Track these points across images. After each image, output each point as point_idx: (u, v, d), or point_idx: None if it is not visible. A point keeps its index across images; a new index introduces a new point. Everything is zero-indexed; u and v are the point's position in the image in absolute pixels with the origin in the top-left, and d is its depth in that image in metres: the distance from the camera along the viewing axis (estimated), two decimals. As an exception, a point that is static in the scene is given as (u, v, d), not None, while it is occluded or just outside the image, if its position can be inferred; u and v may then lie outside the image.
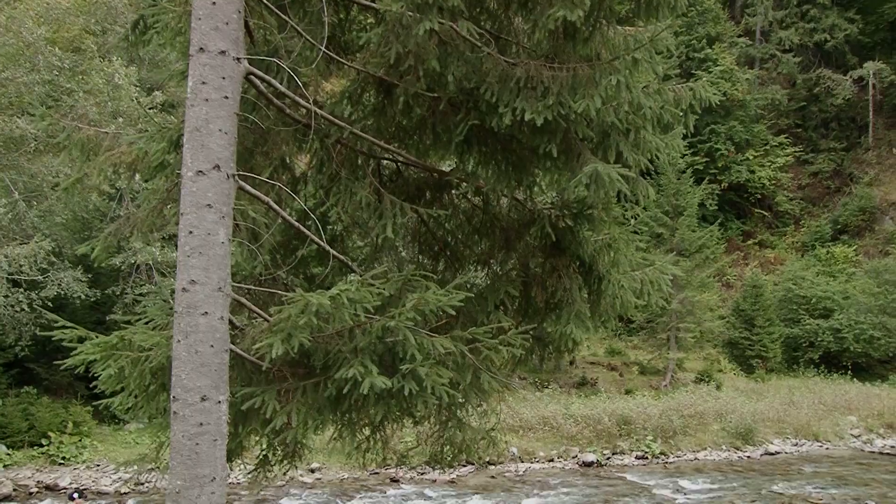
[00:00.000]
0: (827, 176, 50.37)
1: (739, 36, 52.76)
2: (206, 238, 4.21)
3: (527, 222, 5.69)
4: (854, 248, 45.31)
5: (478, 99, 4.93)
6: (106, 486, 19.81)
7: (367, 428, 5.21)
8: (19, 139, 21.89)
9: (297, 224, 4.85)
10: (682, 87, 5.75)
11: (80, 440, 21.74)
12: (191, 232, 4.21)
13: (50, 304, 20.73)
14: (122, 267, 23.50)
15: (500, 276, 5.68)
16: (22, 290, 21.33)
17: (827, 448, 26.65)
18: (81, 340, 4.93)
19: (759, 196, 48.78)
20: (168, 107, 26.37)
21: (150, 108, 23.60)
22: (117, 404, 5.75)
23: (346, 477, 21.59)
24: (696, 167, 42.01)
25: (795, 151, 49.93)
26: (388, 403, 4.62)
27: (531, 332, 5.94)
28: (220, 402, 4.23)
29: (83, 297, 22.61)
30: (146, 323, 5.05)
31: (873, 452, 26.13)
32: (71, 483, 19.89)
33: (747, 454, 25.53)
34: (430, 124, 5.21)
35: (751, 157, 48.20)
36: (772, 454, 25.72)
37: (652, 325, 35.76)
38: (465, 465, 22.86)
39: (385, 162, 5.96)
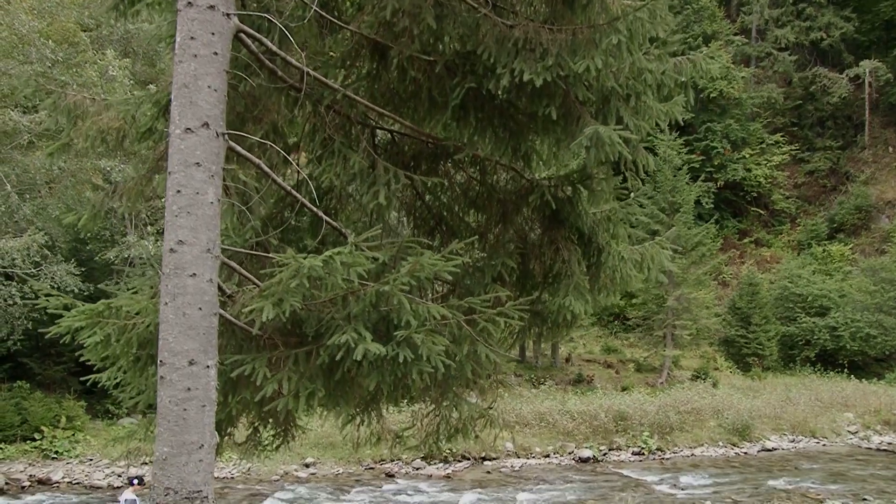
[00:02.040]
0: (823, 174, 50.38)
1: (735, 34, 52.75)
2: (194, 197, 4.08)
3: (524, 193, 5.56)
4: (850, 246, 45.31)
5: (474, 62, 4.81)
6: (99, 480, 19.63)
7: (361, 400, 5.07)
8: (12, 132, 21.70)
9: (288, 188, 4.72)
10: (682, 59, 5.64)
11: (73, 435, 21.56)
12: (178, 191, 4.08)
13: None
14: (116, 261, 23.32)
15: (498, 249, 5.55)
16: (14, 283, 21.14)
17: (824, 445, 26.58)
18: (68, 309, 4.79)
19: (756, 194, 48.76)
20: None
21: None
22: (105, 379, 5.61)
23: (340, 472, 21.45)
24: (692, 165, 41.95)
25: (791, 150, 49.94)
26: (382, 372, 4.49)
27: (529, 306, 5.83)
28: (208, 366, 4.10)
29: (76, 290, 22.41)
30: (134, 292, 4.91)
31: (870, 449, 26.07)
32: (63, 477, 19.71)
33: (744, 450, 25.43)
34: (426, 90, 5.08)
35: (747, 156, 48.19)
36: (769, 450, 25.64)
37: (648, 322, 35.70)
38: (460, 461, 22.75)
39: (380, 133, 5.83)
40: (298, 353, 4.55)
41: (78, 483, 19.49)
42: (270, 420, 5.41)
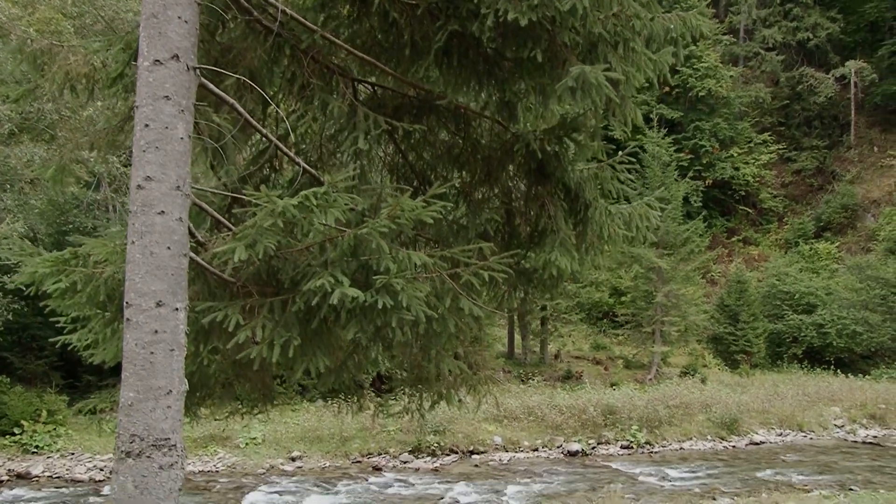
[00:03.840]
0: (810, 173, 50.60)
1: (724, 34, 52.94)
2: (163, 132, 3.89)
3: (510, 149, 5.41)
4: (836, 244, 45.51)
5: (458, 4, 4.65)
6: (80, 473, 19.32)
7: (339, 353, 4.89)
8: (-7, 122, 21.39)
9: (264, 131, 4.54)
10: (672, 15, 5.52)
11: (55, 429, 21.23)
12: (147, 125, 3.89)
13: (23, 288, 20.17)
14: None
15: (483, 207, 5.39)
16: (-6, 275, 20.78)
17: (811, 438, 26.59)
18: (33, 258, 4.59)
19: (744, 193, 48.91)
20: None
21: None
22: (76, 340, 5.42)
23: (327, 465, 21.22)
24: (681, 163, 42.00)
25: (779, 149, 50.14)
26: (360, 321, 4.32)
27: (514, 263, 5.68)
28: (177, 309, 3.91)
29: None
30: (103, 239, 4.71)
31: (856, 442, 26.11)
32: (44, 471, 19.39)
33: (732, 444, 25.39)
34: (408, 34, 4.92)
35: (735, 155, 48.33)
36: (757, 444, 25.61)
37: (637, 318, 35.68)
38: (448, 454, 22.57)
39: (361, 90, 5.67)
40: (274, 301, 4.38)
41: (58, 477, 19.17)
42: (246, 378, 5.21)
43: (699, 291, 37.36)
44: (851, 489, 18.92)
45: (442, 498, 18.36)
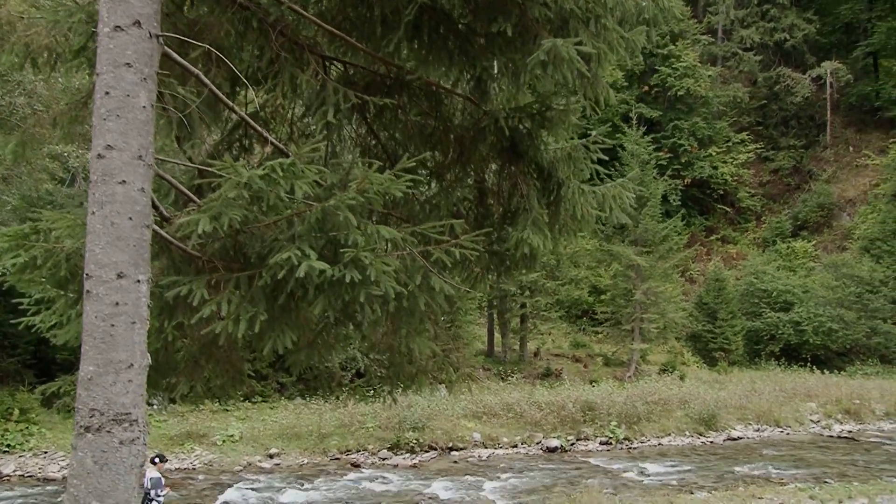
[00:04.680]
0: (787, 173, 51.07)
1: (702, 34, 53.31)
2: (124, 100, 3.80)
3: (482, 128, 5.36)
4: (813, 243, 46.00)
5: (428, -23, 4.61)
6: (53, 472, 19.03)
7: (308, 331, 4.81)
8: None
9: (230, 104, 4.46)
10: (644, -4, 5.50)
11: (27, 428, 20.90)
12: (107, 93, 3.80)
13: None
14: (73, 249, 22.68)
15: (454, 185, 5.34)
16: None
17: (788, 433, 26.81)
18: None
19: (722, 192, 49.27)
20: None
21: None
22: (40, 321, 5.30)
23: (305, 462, 21.06)
24: (660, 163, 42.21)
25: (757, 148, 50.57)
26: (328, 297, 4.24)
27: (486, 243, 5.63)
28: (139, 281, 3.82)
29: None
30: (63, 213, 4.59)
31: (832, 437, 26.37)
32: (15, 470, 19.08)
33: (710, 439, 25.53)
34: (379, 10, 4.85)
35: (713, 154, 48.67)
36: (734, 439, 25.77)
37: (616, 316, 35.80)
38: (427, 451, 22.50)
39: (332, 67, 5.59)
40: (240, 276, 4.29)
41: (31, 476, 18.87)
42: (214, 358, 5.12)
43: (678, 289, 37.58)
44: (826, 482, 19.08)
45: (420, 494, 18.29)
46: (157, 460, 13.56)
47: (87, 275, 3.76)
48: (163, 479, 13.25)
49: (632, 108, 44.07)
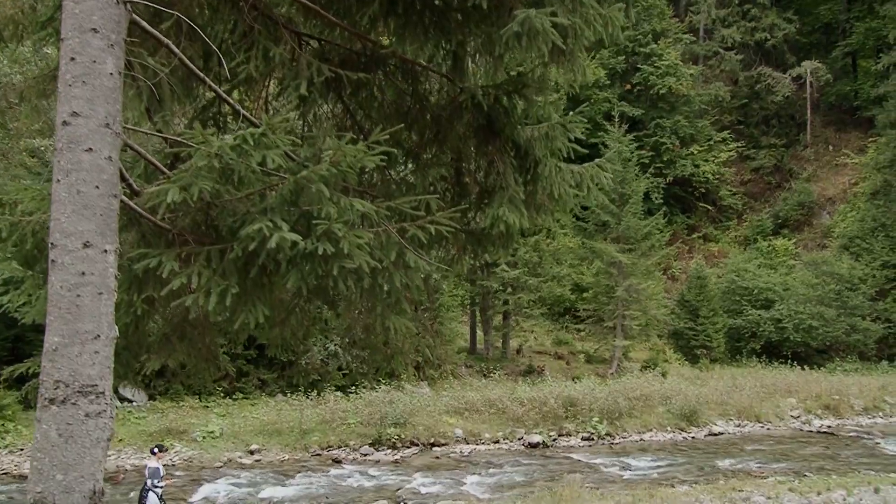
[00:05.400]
0: (768, 172, 51.47)
1: (684, 33, 53.61)
2: (90, 66, 3.73)
3: (459, 106, 5.32)
4: (793, 241, 46.39)
5: (403, -50, 4.57)
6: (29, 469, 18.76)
7: (281, 307, 4.75)
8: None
9: (202, 75, 4.39)
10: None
11: (3, 424, 20.62)
12: (73, 59, 3.72)
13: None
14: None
15: (431, 162, 5.30)
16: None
17: (768, 428, 27.00)
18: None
19: (704, 190, 49.57)
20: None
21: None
22: (7, 302, 5.21)
23: (286, 458, 20.94)
24: (642, 160, 42.38)
25: (738, 147, 50.93)
26: (300, 270, 4.19)
27: (464, 227, 5.59)
28: (106, 251, 3.74)
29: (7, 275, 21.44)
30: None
31: (811, 432, 26.59)
32: (-9, 468, 18.82)
33: (692, 435, 25.65)
34: (353, -16, 4.81)
35: (695, 152, 48.96)
36: (715, 434, 25.91)
37: (598, 312, 35.91)
38: (409, 447, 22.43)
39: (307, 45, 5.52)
40: (211, 250, 4.22)
41: (6, 473, 18.61)
42: (185, 335, 5.04)
43: (659, 286, 37.76)
44: (806, 475, 19.21)
45: (401, 489, 18.22)
46: (156, 450, 13.46)
47: (52, 244, 3.68)
48: (161, 470, 13.12)
49: (614, 107, 44.26)
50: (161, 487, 13.04)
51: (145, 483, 13.12)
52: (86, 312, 3.66)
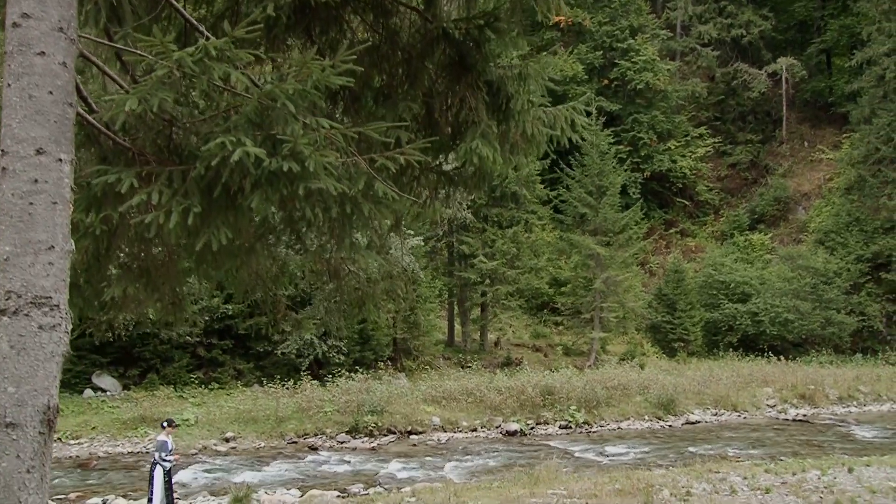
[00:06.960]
0: (744, 167, 51.90)
1: (661, 29, 53.94)
2: (43, -34, 3.59)
3: (430, 42, 5.23)
4: (770, 235, 46.79)
5: None
6: None
7: (247, 234, 4.63)
8: None
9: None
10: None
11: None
12: (25, -42, 3.58)
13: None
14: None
15: (402, 97, 5.20)
16: None
17: (745, 417, 27.18)
18: None
19: (681, 185, 49.88)
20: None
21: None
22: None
23: (262, 445, 20.74)
24: (619, 155, 42.54)
25: (715, 143, 51.30)
26: (265, 190, 4.07)
27: (436, 168, 5.51)
28: (60, 160, 3.61)
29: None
30: None
31: (787, 420, 26.81)
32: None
33: (669, 423, 25.76)
34: None
35: (672, 147, 49.24)
36: (692, 423, 26.04)
37: (576, 305, 35.97)
38: (386, 435, 22.31)
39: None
40: (173, 170, 4.10)
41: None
42: (148, 269, 4.89)
43: (637, 278, 37.91)
44: (780, 459, 19.33)
45: (377, 474, 18.10)
46: (165, 424, 13.28)
47: (2, 150, 3.54)
48: (169, 443, 12.89)
49: (591, 101, 44.37)
50: (169, 462, 12.82)
51: (153, 456, 12.94)
52: (39, 222, 3.53)
